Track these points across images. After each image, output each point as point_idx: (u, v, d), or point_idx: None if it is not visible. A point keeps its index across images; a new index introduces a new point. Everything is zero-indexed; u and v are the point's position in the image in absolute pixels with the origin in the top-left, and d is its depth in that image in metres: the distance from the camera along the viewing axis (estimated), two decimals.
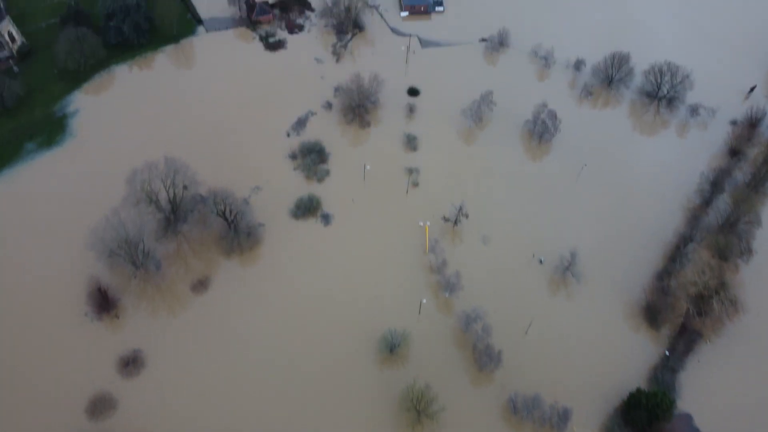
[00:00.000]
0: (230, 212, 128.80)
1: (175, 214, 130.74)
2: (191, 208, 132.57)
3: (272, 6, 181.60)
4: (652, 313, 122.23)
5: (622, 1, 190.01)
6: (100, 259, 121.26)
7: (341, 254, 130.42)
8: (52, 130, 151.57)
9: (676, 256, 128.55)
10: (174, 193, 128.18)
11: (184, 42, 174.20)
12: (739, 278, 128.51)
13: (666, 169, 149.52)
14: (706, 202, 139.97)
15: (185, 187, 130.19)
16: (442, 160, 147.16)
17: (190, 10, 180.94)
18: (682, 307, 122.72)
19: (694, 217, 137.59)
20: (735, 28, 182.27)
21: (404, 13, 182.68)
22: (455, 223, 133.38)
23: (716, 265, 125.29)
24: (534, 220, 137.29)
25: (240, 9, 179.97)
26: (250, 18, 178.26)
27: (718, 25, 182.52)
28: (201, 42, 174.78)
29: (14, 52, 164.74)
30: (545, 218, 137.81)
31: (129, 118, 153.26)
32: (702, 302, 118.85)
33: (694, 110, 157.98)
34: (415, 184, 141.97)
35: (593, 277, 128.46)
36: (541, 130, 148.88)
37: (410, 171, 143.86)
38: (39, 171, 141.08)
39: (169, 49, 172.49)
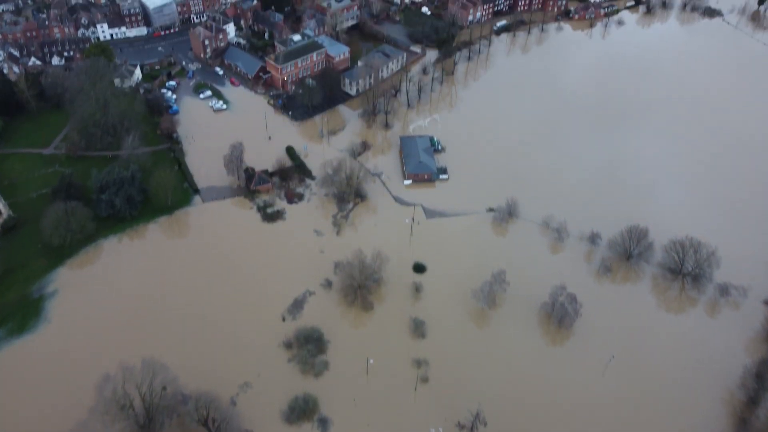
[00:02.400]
0: (213, 421, 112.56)
1: (150, 422, 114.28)
2: (170, 412, 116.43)
3: (272, 174, 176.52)
4: None
5: (635, 173, 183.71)
6: None
7: None
8: (25, 314, 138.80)
9: None
10: (151, 399, 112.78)
11: (179, 212, 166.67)
12: None
13: (700, 355, 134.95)
14: (753, 400, 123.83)
15: (164, 388, 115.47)
16: (453, 349, 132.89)
17: (188, 179, 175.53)
18: None
19: (743, 421, 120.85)
20: (756, 199, 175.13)
21: (407, 182, 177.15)
22: (472, 431, 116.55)
23: None
24: (561, 426, 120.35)
25: (239, 178, 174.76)
26: (248, 187, 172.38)
27: (738, 197, 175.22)
28: (196, 212, 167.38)
29: None
30: (574, 423, 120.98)
31: (111, 299, 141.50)
32: None
33: (723, 289, 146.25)
34: (425, 380, 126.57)
35: None
36: (560, 313, 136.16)
37: (418, 363, 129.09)
38: (2, 366, 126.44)
39: (163, 220, 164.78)
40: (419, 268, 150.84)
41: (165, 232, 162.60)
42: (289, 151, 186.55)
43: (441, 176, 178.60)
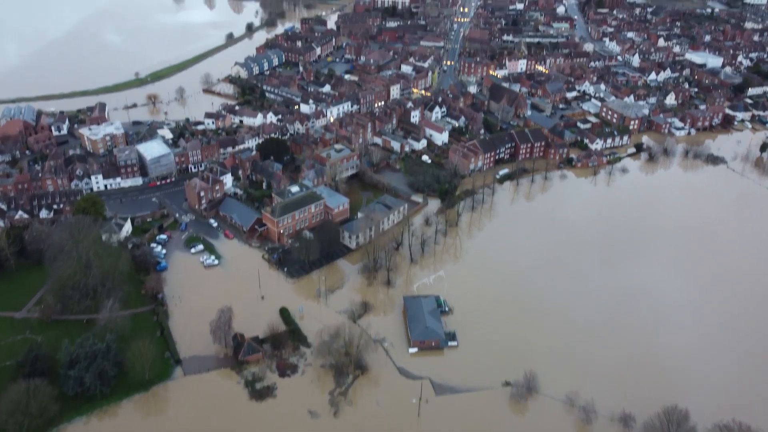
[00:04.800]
0: None
1: None
2: None
3: (262, 342, 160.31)
4: None
5: (661, 334, 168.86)
6: None
7: None
8: None
9: None
10: None
11: (157, 388, 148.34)
12: None
13: None
14: None
15: None
16: None
17: (170, 347, 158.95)
18: None
19: None
20: None
21: (413, 349, 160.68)
22: None
23: None
24: None
25: (226, 346, 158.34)
26: (236, 357, 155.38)
27: None
28: (176, 388, 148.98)
29: None
30: None
31: None
32: None
33: None
34: None
35: None
36: None
37: None
38: None
39: (138, 397, 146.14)
40: None
41: (139, 411, 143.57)
42: (283, 313, 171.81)
43: (450, 343, 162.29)
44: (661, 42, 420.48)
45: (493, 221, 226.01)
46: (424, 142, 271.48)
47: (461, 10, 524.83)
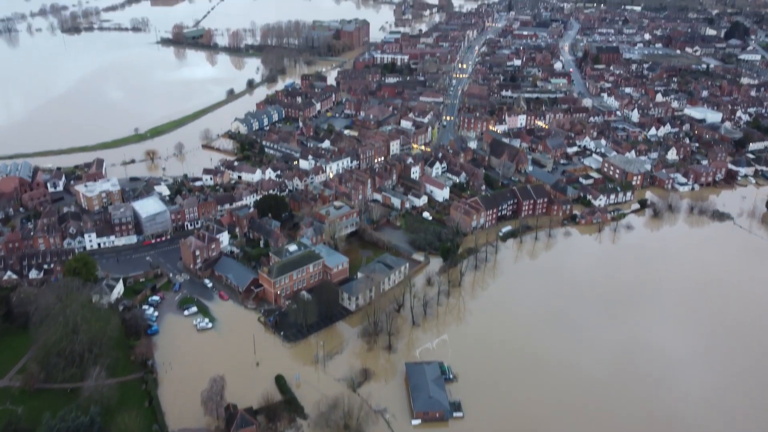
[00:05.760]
0: None
1: None
2: None
3: (256, 413, 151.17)
4: None
5: (677, 406, 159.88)
6: None
7: None
8: None
9: None
10: None
11: None
12: None
13: None
14: None
15: None
16: None
17: (158, 420, 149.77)
18: None
19: None
20: None
21: (416, 421, 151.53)
22: None
23: None
24: None
25: (218, 418, 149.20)
26: (228, 430, 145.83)
27: None
28: None
29: None
30: None
31: None
32: None
33: None
34: None
35: None
36: None
37: None
38: None
39: None
40: None
41: None
42: (279, 380, 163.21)
43: (455, 414, 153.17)
44: (659, 97, 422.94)
45: (498, 280, 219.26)
46: (424, 199, 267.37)
47: (460, 66, 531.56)
